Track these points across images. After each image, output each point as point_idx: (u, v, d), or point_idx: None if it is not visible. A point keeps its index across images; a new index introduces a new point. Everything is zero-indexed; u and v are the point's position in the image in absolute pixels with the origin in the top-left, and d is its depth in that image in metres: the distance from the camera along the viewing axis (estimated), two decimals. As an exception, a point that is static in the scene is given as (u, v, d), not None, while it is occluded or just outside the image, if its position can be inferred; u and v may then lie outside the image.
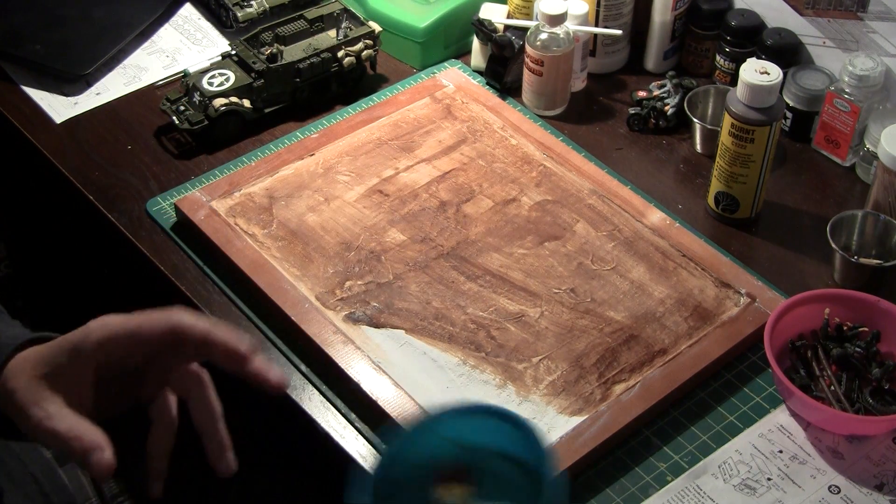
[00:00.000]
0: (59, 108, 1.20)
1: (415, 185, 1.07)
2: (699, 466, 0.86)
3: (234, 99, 1.13)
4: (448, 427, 0.72)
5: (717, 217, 1.08)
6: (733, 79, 1.18)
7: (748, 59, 1.04)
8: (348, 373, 0.90)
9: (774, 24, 1.19)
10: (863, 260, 1.00)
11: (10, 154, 1.28)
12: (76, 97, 1.22)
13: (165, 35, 1.31)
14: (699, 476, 0.86)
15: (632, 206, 1.05)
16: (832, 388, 0.89)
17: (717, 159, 1.05)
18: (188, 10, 1.35)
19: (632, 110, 1.19)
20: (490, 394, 0.88)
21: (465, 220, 1.04)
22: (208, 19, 1.33)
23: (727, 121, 1.01)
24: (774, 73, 0.99)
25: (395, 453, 0.72)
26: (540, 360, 0.91)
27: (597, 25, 1.22)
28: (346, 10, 1.23)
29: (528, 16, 1.23)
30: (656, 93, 1.19)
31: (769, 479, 0.85)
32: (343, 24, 1.22)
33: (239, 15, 1.27)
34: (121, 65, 1.26)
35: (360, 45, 1.20)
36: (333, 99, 1.21)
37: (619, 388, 0.89)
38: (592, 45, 1.24)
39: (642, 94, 1.20)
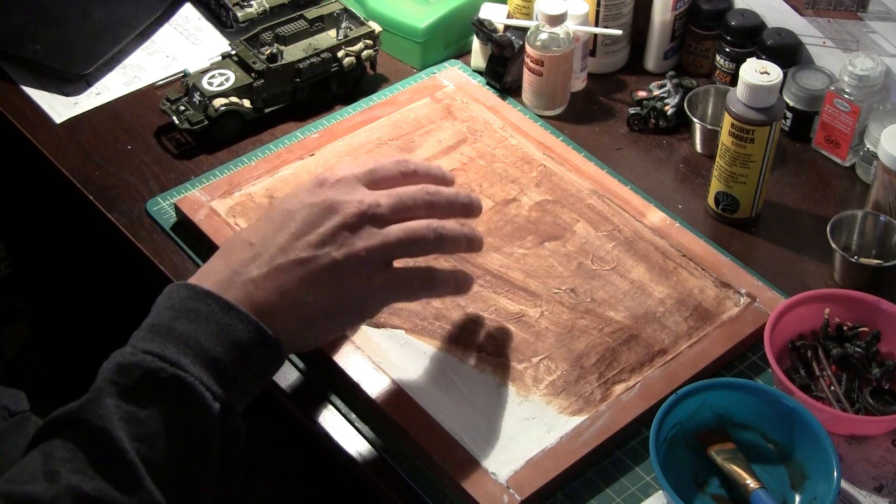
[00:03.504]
0: (59, 108, 1.20)
1: (415, 185, 1.07)
2: (699, 466, 0.87)
3: (234, 99, 1.13)
4: (709, 396, 0.85)
5: (717, 217, 1.08)
6: (733, 79, 1.18)
7: (748, 59, 1.04)
8: (348, 373, 0.90)
9: (774, 24, 1.19)
10: (863, 260, 1.00)
11: (10, 154, 1.29)
12: (76, 97, 1.22)
13: (165, 35, 1.31)
14: (699, 476, 0.86)
15: (632, 206, 1.05)
16: (832, 388, 0.89)
17: (717, 159, 1.05)
18: (188, 10, 1.35)
19: (632, 110, 1.19)
20: (490, 393, 0.88)
21: (465, 220, 1.04)
22: (208, 19, 1.33)
23: (727, 121, 1.01)
24: (774, 73, 0.99)
25: (663, 415, 0.82)
26: (540, 360, 0.91)
27: (597, 25, 1.22)
28: (346, 10, 1.23)
29: (528, 16, 1.23)
30: (656, 93, 1.19)
31: (769, 479, 0.86)
32: (343, 24, 1.22)
33: (239, 15, 1.27)
34: (121, 65, 1.26)
35: (360, 45, 1.20)
36: (333, 99, 1.21)
37: (619, 388, 0.89)
38: (592, 45, 1.24)
39: (642, 94, 1.20)
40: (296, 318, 0.77)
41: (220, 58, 1.20)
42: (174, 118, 1.13)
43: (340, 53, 1.19)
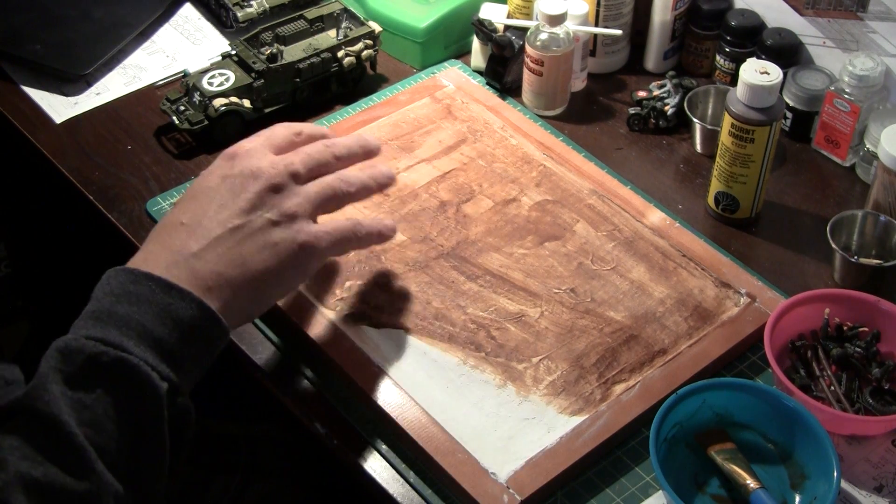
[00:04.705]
0: (59, 108, 1.20)
1: (415, 185, 1.07)
2: (699, 466, 0.87)
3: (234, 99, 1.13)
4: (709, 396, 0.85)
5: (717, 217, 1.08)
6: (733, 79, 1.18)
7: (748, 59, 1.04)
8: (348, 373, 0.90)
9: (774, 24, 1.19)
10: (863, 260, 1.00)
11: (10, 154, 1.29)
12: (76, 97, 1.22)
13: (165, 35, 1.31)
14: (699, 476, 0.86)
15: (632, 206, 1.05)
16: (832, 388, 0.89)
17: (717, 159, 1.05)
18: (188, 10, 1.35)
19: (632, 110, 1.19)
20: (490, 393, 0.88)
21: (465, 220, 1.04)
22: (208, 19, 1.33)
23: (727, 121, 1.01)
24: (774, 73, 0.99)
25: (663, 415, 0.82)
26: (540, 360, 0.91)
27: (597, 25, 1.22)
28: (346, 10, 1.23)
29: (528, 16, 1.23)
30: (656, 93, 1.19)
31: (769, 479, 0.86)
32: (343, 24, 1.22)
33: (239, 15, 1.27)
34: (121, 65, 1.26)
35: (360, 45, 1.20)
36: (333, 99, 1.21)
37: (619, 388, 0.89)
38: (592, 45, 1.24)
39: (642, 94, 1.20)
40: (245, 285, 0.78)
41: (220, 58, 1.20)
42: (174, 118, 1.13)
43: (340, 53, 1.19)
